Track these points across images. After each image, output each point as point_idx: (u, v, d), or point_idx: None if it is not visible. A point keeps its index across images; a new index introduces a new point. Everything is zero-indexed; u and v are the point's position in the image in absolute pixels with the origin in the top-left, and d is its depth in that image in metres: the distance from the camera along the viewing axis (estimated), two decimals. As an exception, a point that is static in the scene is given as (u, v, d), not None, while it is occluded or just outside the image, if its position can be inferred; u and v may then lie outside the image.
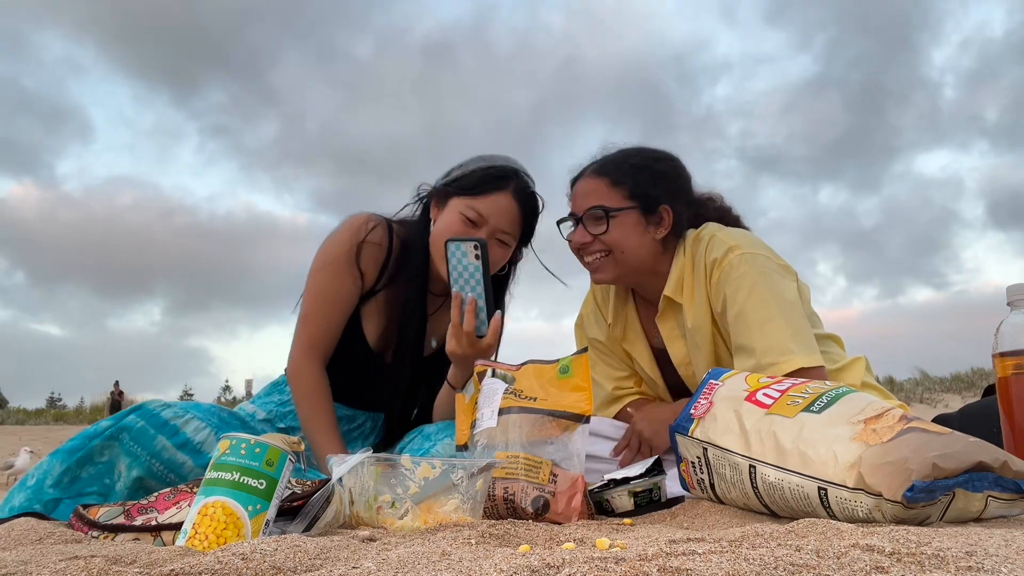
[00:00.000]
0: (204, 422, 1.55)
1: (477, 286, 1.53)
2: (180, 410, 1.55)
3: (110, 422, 1.51)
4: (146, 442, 1.49)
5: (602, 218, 1.66)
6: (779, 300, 1.56)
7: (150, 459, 1.48)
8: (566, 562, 0.69)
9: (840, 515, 1.04)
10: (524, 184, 1.70)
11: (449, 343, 1.58)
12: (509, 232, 1.68)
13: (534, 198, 1.72)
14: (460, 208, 1.65)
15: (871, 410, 1.11)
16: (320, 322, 1.70)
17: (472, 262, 1.53)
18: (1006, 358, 1.26)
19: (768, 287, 1.57)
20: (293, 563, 0.79)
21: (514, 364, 1.46)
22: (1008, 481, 1.01)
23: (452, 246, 1.54)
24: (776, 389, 1.22)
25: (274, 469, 1.05)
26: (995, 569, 0.67)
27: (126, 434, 1.49)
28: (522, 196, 1.69)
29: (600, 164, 1.74)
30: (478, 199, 1.65)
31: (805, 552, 0.71)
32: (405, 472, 1.18)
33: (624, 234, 1.66)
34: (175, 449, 1.50)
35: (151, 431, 1.50)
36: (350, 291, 1.71)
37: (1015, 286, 1.28)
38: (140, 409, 1.52)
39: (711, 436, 1.22)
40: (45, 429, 18.01)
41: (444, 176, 1.74)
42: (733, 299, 1.59)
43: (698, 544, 0.80)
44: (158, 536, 1.13)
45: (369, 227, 1.73)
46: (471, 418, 1.40)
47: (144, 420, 1.50)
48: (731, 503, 1.23)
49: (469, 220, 1.65)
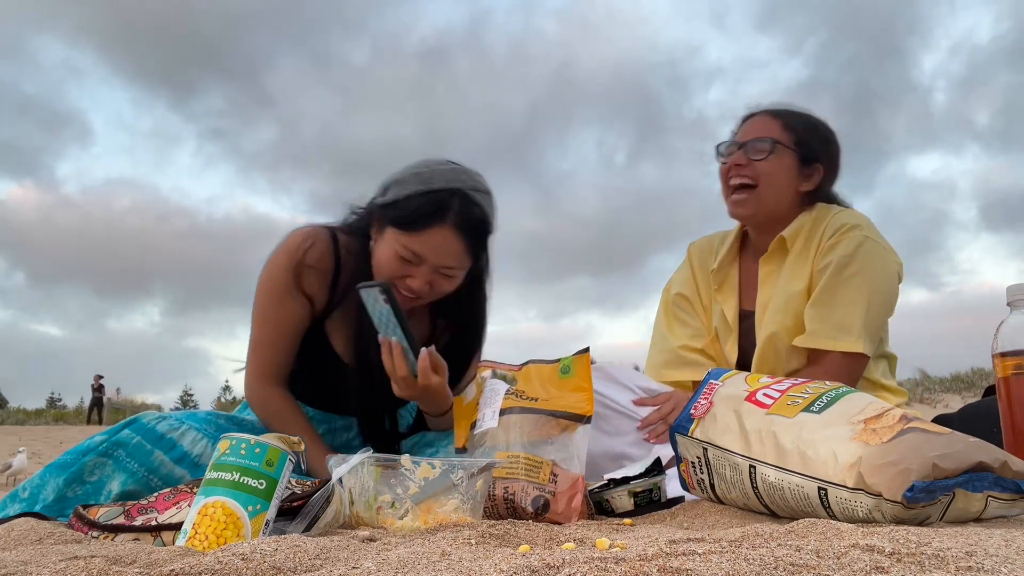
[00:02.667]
0: (201, 432, 1.52)
1: (396, 329, 1.44)
2: (176, 422, 1.51)
3: (104, 436, 1.48)
4: (143, 457, 1.46)
5: (765, 149, 1.75)
6: (873, 291, 1.67)
7: (147, 474, 1.45)
8: (566, 562, 0.69)
9: (840, 515, 1.04)
10: (466, 211, 1.53)
11: (394, 388, 1.50)
12: (453, 266, 1.56)
13: (480, 223, 1.57)
14: (395, 246, 1.53)
15: (871, 410, 1.11)
16: (269, 349, 1.64)
17: (383, 307, 1.44)
18: (1006, 358, 1.26)
19: (873, 276, 1.68)
20: (293, 563, 0.78)
21: (515, 364, 1.47)
22: (1008, 481, 1.01)
23: (363, 293, 1.46)
24: (776, 389, 1.22)
25: (274, 469, 1.05)
26: (995, 569, 0.67)
27: (121, 450, 1.45)
28: (465, 226, 1.53)
29: (777, 109, 1.84)
30: (413, 237, 1.51)
31: (805, 552, 0.71)
32: (405, 472, 1.18)
33: (778, 170, 1.76)
34: (173, 464, 1.47)
35: (147, 446, 1.46)
36: (296, 315, 1.63)
37: (1015, 286, 1.27)
38: (134, 423, 1.49)
39: (711, 436, 1.22)
40: (45, 429, 18.02)
41: (381, 191, 1.60)
42: (839, 267, 1.68)
43: (698, 544, 0.80)
44: (158, 536, 1.13)
45: (306, 247, 1.62)
46: (470, 420, 1.40)
47: (139, 435, 1.47)
48: (731, 503, 1.23)
49: (405, 260, 1.53)
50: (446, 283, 1.58)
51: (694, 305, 1.94)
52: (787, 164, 1.77)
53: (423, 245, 1.52)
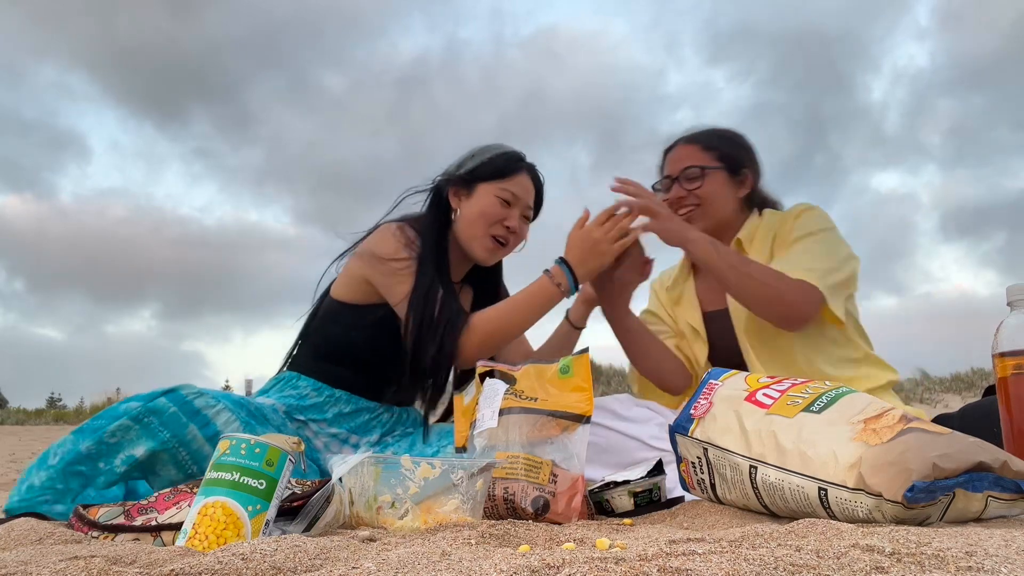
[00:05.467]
0: (234, 415, 1.53)
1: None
2: (212, 399, 1.53)
3: (139, 402, 1.48)
4: (176, 428, 1.47)
5: (697, 176, 1.91)
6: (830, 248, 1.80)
7: (177, 446, 1.46)
8: (566, 562, 0.69)
9: (840, 515, 1.04)
10: (534, 168, 1.91)
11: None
12: (531, 207, 1.88)
13: (540, 182, 1.92)
14: (494, 192, 1.82)
15: (871, 410, 1.11)
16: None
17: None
18: (1006, 358, 1.26)
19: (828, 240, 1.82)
20: (293, 563, 0.78)
21: (515, 364, 1.47)
22: (1008, 481, 1.01)
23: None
24: (776, 389, 1.22)
25: (274, 469, 1.05)
26: (995, 569, 0.67)
27: (155, 417, 1.46)
28: (535, 175, 1.90)
29: (691, 135, 2.00)
30: (508, 181, 1.83)
31: (805, 552, 0.71)
32: (405, 472, 1.18)
33: (714, 189, 1.92)
34: (204, 440, 1.48)
35: (183, 418, 1.48)
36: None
37: (1015, 286, 1.27)
38: (173, 393, 1.50)
39: (711, 436, 1.22)
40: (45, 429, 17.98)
41: (457, 167, 1.88)
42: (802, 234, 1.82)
43: (698, 544, 0.80)
44: (158, 536, 1.13)
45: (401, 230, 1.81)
46: (470, 420, 1.40)
47: (176, 405, 1.48)
48: (731, 504, 1.23)
49: (505, 201, 1.82)
50: (525, 227, 1.90)
51: (660, 316, 2.09)
52: (720, 180, 1.93)
53: (517, 186, 1.84)
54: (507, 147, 1.90)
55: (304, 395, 1.79)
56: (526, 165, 1.88)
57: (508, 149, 1.89)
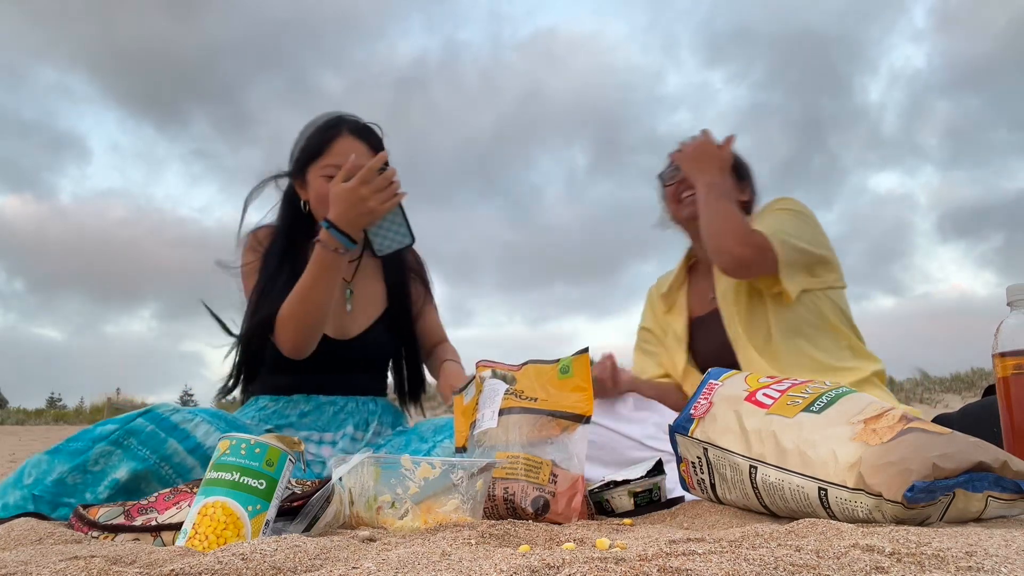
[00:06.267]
0: (212, 426, 1.54)
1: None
2: (189, 414, 1.54)
3: (116, 424, 1.48)
4: (155, 445, 1.47)
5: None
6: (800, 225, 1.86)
7: (159, 462, 1.46)
8: (566, 562, 0.69)
9: (840, 515, 1.04)
10: (353, 121, 1.79)
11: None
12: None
13: (368, 128, 1.80)
14: (319, 173, 1.74)
15: (871, 410, 1.11)
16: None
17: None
18: (1006, 358, 1.26)
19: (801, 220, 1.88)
20: (293, 563, 0.78)
21: (515, 364, 1.47)
22: (1008, 481, 1.01)
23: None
24: (776, 389, 1.22)
25: (274, 469, 1.05)
26: (995, 569, 0.67)
27: (133, 438, 1.46)
28: (358, 130, 1.78)
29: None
30: (326, 156, 1.74)
31: (805, 552, 0.71)
32: (405, 472, 1.18)
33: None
34: (186, 453, 1.49)
35: (161, 434, 1.48)
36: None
37: (1015, 286, 1.27)
38: (149, 413, 1.50)
39: (711, 436, 1.22)
40: (45, 429, 17.99)
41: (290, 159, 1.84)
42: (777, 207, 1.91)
43: (698, 544, 0.80)
44: (158, 536, 1.13)
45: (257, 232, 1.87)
46: (470, 420, 1.40)
47: (153, 423, 1.48)
48: (731, 504, 1.23)
49: (329, 178, 1.70)
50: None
51: (655, 334, 2.14)
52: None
53: (337, 156, 1.72)
54: (321, 117, 1.81)
55: (264, 406, 1.81)
56: (339, 127, 1.77)
57: (321, 120, 1.80)
